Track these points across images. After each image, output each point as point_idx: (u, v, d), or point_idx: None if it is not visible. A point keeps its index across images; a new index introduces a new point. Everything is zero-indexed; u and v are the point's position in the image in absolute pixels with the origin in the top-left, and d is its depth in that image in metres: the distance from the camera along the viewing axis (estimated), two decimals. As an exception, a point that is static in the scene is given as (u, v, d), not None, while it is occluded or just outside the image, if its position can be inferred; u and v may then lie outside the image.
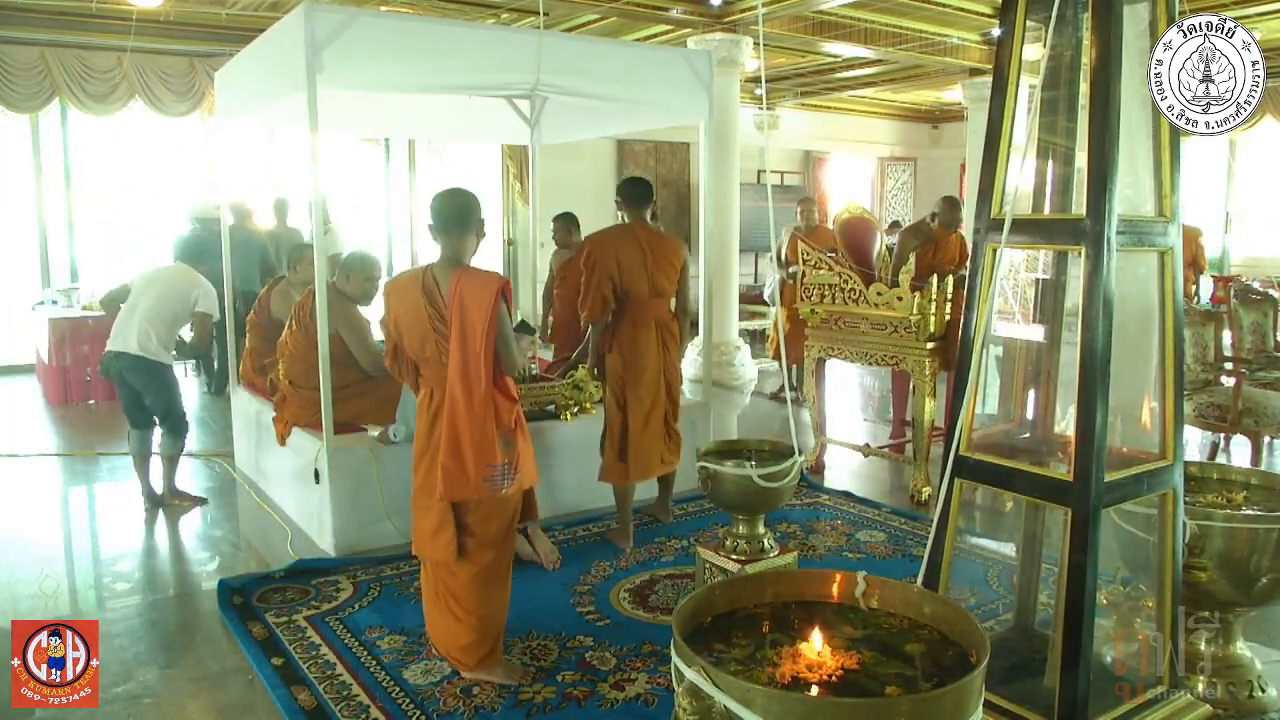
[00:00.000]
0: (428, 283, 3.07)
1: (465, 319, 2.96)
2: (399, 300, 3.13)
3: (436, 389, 3.10)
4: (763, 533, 3.58)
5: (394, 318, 3.15)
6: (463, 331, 2.96)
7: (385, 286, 3.24)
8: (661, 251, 4.42)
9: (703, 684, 1.62)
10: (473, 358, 2.96)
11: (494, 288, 2.97)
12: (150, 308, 4.86)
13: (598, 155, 12.40)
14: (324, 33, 3.98)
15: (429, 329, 3.06)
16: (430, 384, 3.14)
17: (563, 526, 4.71)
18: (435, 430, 3.06)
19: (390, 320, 3.16)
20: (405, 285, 3.14)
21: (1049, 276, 2.80)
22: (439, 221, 3.08)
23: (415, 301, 3.06)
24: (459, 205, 3.10)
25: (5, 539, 4.67)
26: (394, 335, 3.17)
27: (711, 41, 8.63)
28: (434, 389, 3.11)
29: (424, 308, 3.05)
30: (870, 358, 5.40)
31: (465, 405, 2.97)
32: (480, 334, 2.94)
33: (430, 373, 3.13)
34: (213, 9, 8.60)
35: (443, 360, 3.04)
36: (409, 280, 3.15)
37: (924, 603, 1.95)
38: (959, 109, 13.10)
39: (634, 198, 4.48)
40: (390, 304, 3.17)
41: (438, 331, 3.05)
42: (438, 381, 3.09)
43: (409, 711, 2.96)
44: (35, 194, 9.39)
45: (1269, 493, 3.09)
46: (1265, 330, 6.06)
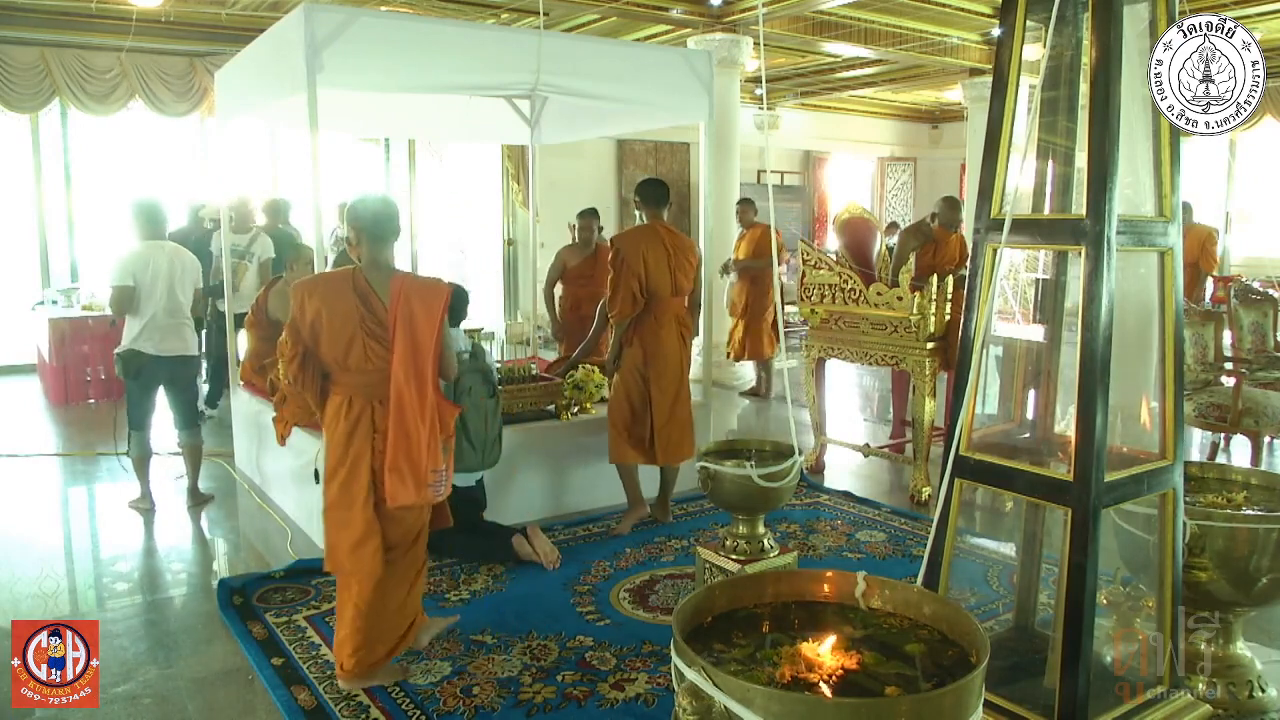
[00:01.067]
0: (360, 286, 2.98)
1: (415, 325, 2.95)
2: (321, 303, 2.96)
3: (357, 397, 2.99)
4: (763, 533, 3.58)
5: (311, 321, 2.97)
6: (413, 338, 2.95)
7: (298, 288, 3.03)
8: (682, 251, 4.60)
9: (703, 684, 1.62)
10: (423, 364, 2.96)
11: (444, 295, 3.05)
12: (179, 304, 4.88)
13: (598, 155, 12.41)
14: (324, 33, 3.98)
15: (359, 333, 2.95)
16: (349, 391, 3.00)
17: (563, 526, 4.71)
18: (355, 440, 2.98)
19: (305, 323, 2.98)
20: (330, 288, 3.01)
21: (1049, 276, 2.80)
22: (375, 228, 3.01)
23: (346, 305, 2.95)
24: (392, 212, 3.09)
25: (5, 539, 4.67)
26: (306, 339, 2.99)
27: (711, 41, 8.63)
28: (353, 397, 2.99)
29: (357, 312, 2.95)
30: (870, 358, 5.40)
31: (418, 410, 2.95)
32: (431, 340, 2.98)
33: (350, 379, 3.00)
34: (213, 9, 8.61)
35: (369, 367, 2.96)
36: (334, 283, 3.03)
37: (924, 603, 1.95)
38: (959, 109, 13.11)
39: (654, 198, 4.62)
40: (309, 305, 2.97)
41: (374, 337, 2.96)
42: (359, 389, 2.99)
43: (409, 711, 2.96)
44: (35, 194, 9.39)
45: (1269, 493, 3.09)
46: (1265, 330, 6.06)
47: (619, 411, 4.58)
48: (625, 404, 4.57)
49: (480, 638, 3.47)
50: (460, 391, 4.12)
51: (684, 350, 4.64)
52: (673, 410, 4.56)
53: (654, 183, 4.69)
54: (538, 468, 4.89)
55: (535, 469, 4.88)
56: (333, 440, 3.03)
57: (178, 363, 4.91)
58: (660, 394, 4.53)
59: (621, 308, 4.48)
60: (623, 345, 4.60)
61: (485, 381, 4.23)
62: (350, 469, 2.99)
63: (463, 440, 4.12)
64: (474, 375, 4.18)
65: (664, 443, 4.56)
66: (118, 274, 4.78)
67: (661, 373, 4.53)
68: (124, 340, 4.86)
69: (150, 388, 4.94)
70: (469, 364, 4.19)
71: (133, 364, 4.82)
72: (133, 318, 4.82)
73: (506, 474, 4.69)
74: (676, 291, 4.58)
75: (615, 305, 4.50)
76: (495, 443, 4.27)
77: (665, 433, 4.55)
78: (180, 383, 5.01)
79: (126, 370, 4.85)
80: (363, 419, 2.98)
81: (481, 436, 4.16)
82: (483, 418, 4.17)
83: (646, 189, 4.64)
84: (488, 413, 4.20)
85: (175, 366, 4.91)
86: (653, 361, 4.52)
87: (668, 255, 4.52)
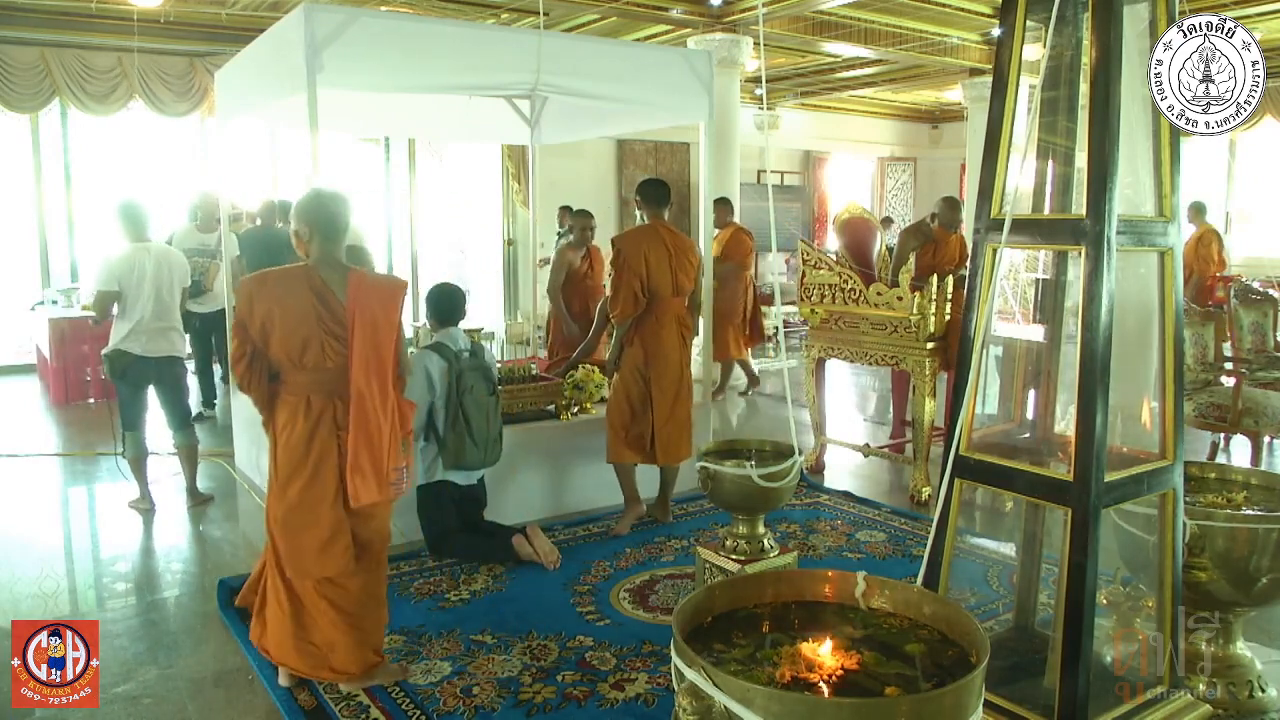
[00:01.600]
0: (316, 284, 2.91)
1: (375, 324, 2.92)
2: (275, 301, 2.87)
3: (315, 396, 2.92)
4: (763, 533, 3.58)
5: (263, 319, 2.87)
6: (375, 335, 2.92)
7: (245, 286, 2.94)
8: (682, 251, 4.61)
9: (703, 684, 1.62)
10: (383, 362, 2.95)
11: (401, 293, 3.05)
12: (167, 306, 4.88)
13: (598, 155, 12.41)
14: (324, 33, 3.98)
15: (316, 332, 2.87)
16: (306, 391, 2.92)
17: (563, 526, 4.71)
18: (318, 440, 2.91)
19: (254, 322, 2.88)
20: (284, 285, 2.92)
21: (1049, 276, 2.80)
22: (329, 226, 2.95)
23: (303, 303, 2.88)
24: (343, 208, 3.02)
25: (5, 539, 4.67)
26: (256, 338, 2.90)
27: (711, 41, 8.63)
28: (311, 396, 2.92)
29: (314, 310, 2.88)
30: (870, 358, 5.40)
31: (380, 408, 2.93)
32: (391, 338, 2.97)
33: (306, 379, 2.91)
34: (213, 9, 8.61)
35: (328, 365, 2.89)
36: (287, 280, 2.94)
37: (924, 603, 1.95)
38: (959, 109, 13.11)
39: (655, 198, 4.63)
40: (258, 304, 2.87)
41: (333, 335, 2.89)
42: (317, 388, 2.91)
43: (409, 711, 2.96)
44: (35, 194, 9.39)
45: (1269, 493, 3.09)
46: (1265, 330, 6.06)
47: (618, 411, 4.59)
48: (624, 404, 4.57)
49: (480, 638, 3.47)
50: (462, 390, 4.12)
51: (684, 350, 4.64)
52: (673, 410, 4.57)
53: (655, 183, 4.70)
54: (538, 468, 4.89)
55: (535, 469, 4.88)
56: (289, 442, 2.93)
57: (164, 363, 4.91)
58: (660, 394, 4.54)
59: (623, 308, 4.48)
60: (623, 345, 4.60)
61: (486, 380, 4.24)
62: (314, 469, 2.91)
63: (466, 438, 4.12)
64: (475, 374, 4.18)
65: (663, 443, 4.56)
66: (103, 278, 4.79)
67: (662, 373, 4.54)
68: (111, 341, 4.86)
69: (140, 388, 4.94)
70: (469, 362, 4.20)
71: (119, 364, 4.83)
72: (120, 320, 4.82)
73: (506, 474, 4.69)
74: (677, 291, 4.59)
75: (617, 305, 4.51)
76: (496, 441, 4.27)
77: (665, 433, 4.56)
78: (168, 382, 4.99)
79: (114, 370, 4.86)
80: (324, 417, 2.91)
81: (483, 434, 4.17)
82: (484, 415, 4.18)
83: (647, 189, 4.65)
84: (489, 410, 4.21)
85: (162, 367, 4.90)
86: (653, 361, 4.53)
87: (669, 255, 4.52)
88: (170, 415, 5.09)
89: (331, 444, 2.93)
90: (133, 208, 4.96)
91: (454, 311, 4.33)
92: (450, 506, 4.25)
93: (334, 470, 2.93)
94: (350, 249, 4.84)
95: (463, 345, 4.25)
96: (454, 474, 4.21)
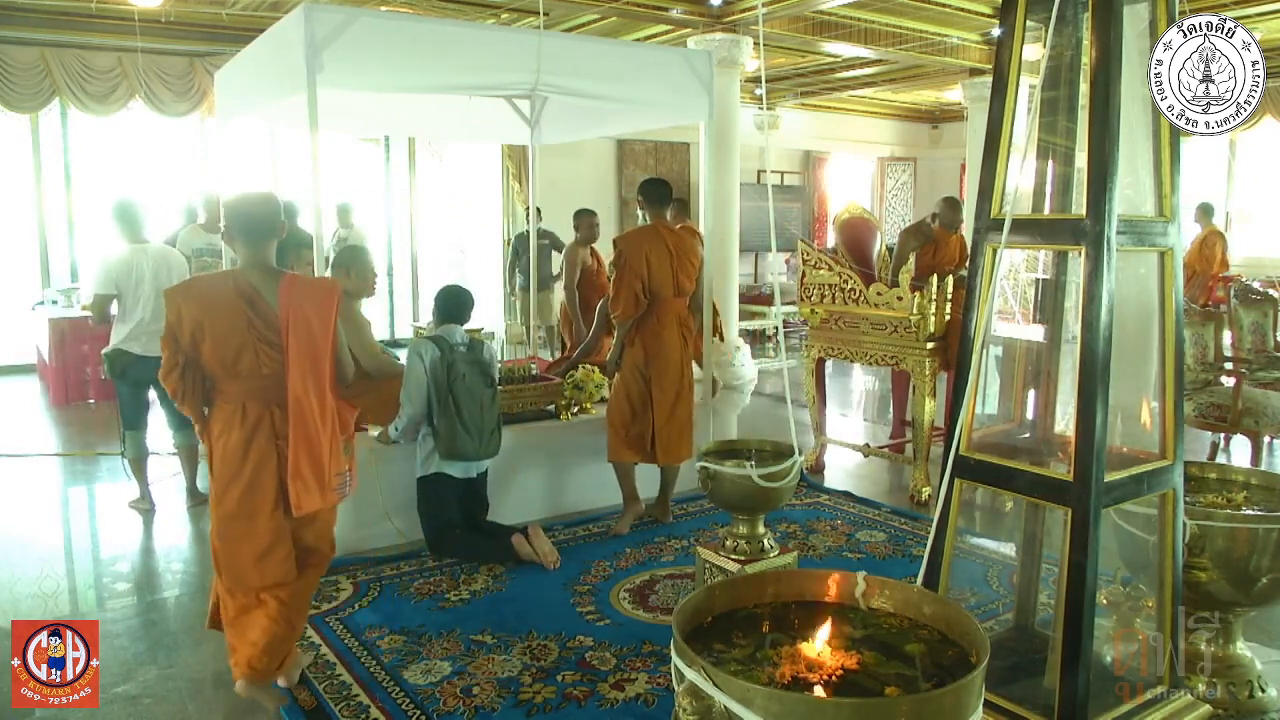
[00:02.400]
0: (245, 290, 2.83)
1: (310, 328, 2.85)
2: (205, 309, 2.80)
3: (251, 404, 2.84)
4: (763, 533, 3.58)
5: (193, 328, 2.79)
6: (310, 340, 2.85)
7: (171, 295, 2.85)
8: (684, 251, 4.61)
9: (703, 684, 1.62)
10: (320, 367, 2.89)
11: (335, 295, 2.98)
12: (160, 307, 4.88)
13: (598, 155, 12.40)
14: (324, 33, 3.98)
15: (249, 339, 2.81)
16: (242, 399, 2.84)
17: (563, 526, 4.71)
18: (255, 448, 2.84)
19: (184, 332, 2.79)
20: (212, 292, 2.85)
21: (1049, 276, 2.80)
22: (251, 227, 2.88)
23: (233, 310, 2.80)
24: (269, 211, 2.94)
25: (5, 539, 4.67)
26: (186, 347, 2.81)
27: (711, 41, 8.62)
28: (247, 404, 2.84)
29: (244, 316, 2.80)
30: (870, 358, 5.40)
31: (319, 414, 2.87)
32: (327, 342, 2.91)
33: (241, 386, 2.84)
34: (213, 9, 8.60)
35: (263, 372, 2.83)
36: (216, 287, 2.87)
37: (924, 603, 1.95)
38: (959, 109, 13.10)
39: (656, 199, 4.64)
40: (186, 313, 2.79)
41: (266, 341, 2.82)
42: (253, 395, 2.84)
43: (409, 711, 2.96)
44: (35, 194, 9.39)
45: (1269, 493, 3.09)
46: (1265, 330, 6.06)
47: (618, 411, 4.59)
48: (625, 403, 4.57)
49: (480, 638, 3.47)
50: (453, 377, 4.14)
51: (685, 351, 4.65)
52: (673, 410, 4.57)
53: (657, 183, 4.71)
54: (538, 468, 4.89)
55: (535, 469, 4.88)
56: (225, 451, 2.86)
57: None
58: (661, 394, 4.54)
59: (624, 308, 4.48)
60: (624, 345, 4.60)
61: (482, 372, 4.25)
62: (252, 477, 2.84)
63: (457, 424, 4.12)
64: (470, 365, 4.20)
65: (663, 443, 4.56)
66: (100, 280, 4.79)
67: (663, 373, 4.54)
68: (112, 341, 4.87)
69: (140, 387, 4.94)
70: (464, 355, 4.22)
71: (118, 363, 4.83)
72: (121, 321, 4.83)
73: (506, 474, 4.69)
74: (679, 292, 4.59)
75: (618, 305, 4.51)
76: (494, 432, 4.27)
77: (665, 433, 4.56)
78: None
79: (113, 370, 4.86)
80: (261, 425, 2.85)
81: (476, 421, 4.16)
82: (477, 403, 4.18)
83: (649, 189, 4.66)
84: (482, 399, 4.21)
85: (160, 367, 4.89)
86: (654, 361, 4.53)
87: (670, 256, 4.52)
88: (170, 415, 5.09)
89: (270, 452, 2.85)
90: (128, 208, 4.96)
91: (459, 311, 4.36)
92: (450, 501, 4.25)
93: (273, 478, 2.86)
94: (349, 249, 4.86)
95: (459, 340, 4.26)
96: (450, 465, 4.21)
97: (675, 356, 4.58)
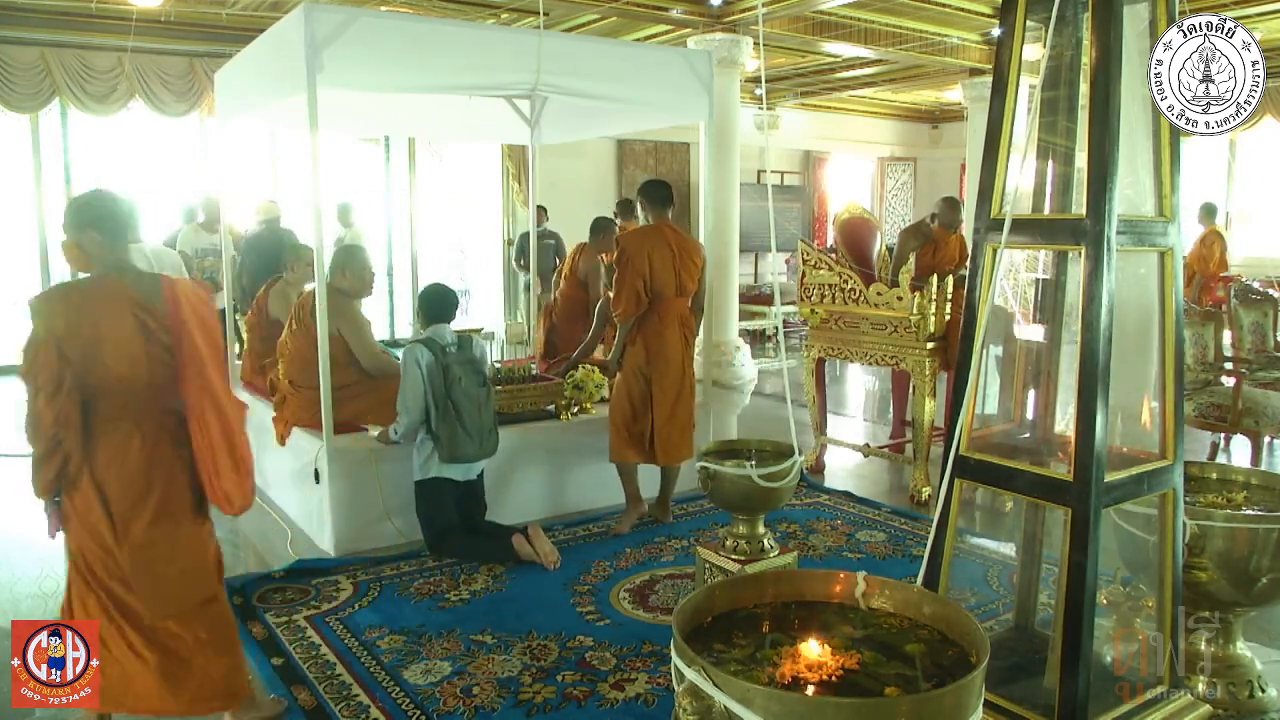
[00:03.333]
0: (130, 295, 2.58)
1: (206, 330, 2.68)
2: (87, 319, 2.54)
3: (146, 419, 2.60)
4: (763, 533, 3.57)
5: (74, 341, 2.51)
6: (210, 343, 2.68)
7: (48, 304, 2.60)
8: (687, 252, 4.60)
9: (703, 684, 1.62)
10: (218, 365, 2.70)
11: (208, 293, 2.83)
12: None
13: (598, 155, 12.40)
14: (324, 33, 3.98)
15: (142, 350, 2.56)
16: (132, 416, 2.59)
17: (563, 526, 4.71)
18: (159, 464, 2.63)
19: (76, 345, 2.51)
20: (96, 301, 2.58)
21: (1049, 276, 2.80)
22: (116, 227, 2.65)
23: (122, 319, 2.55)
24: (131, 209, 2.75)
25: (5, 539, 4.67)
26: (77, 363, 2.51)
27: (711, 41, 8.63)
28: (142, 421, 2.60)
29: (137, 325, 2.56)
30: (870, 358, 5.40)
31: (236, 418, 2.71)
32: (218, 338, 2.76)
33: (125, 403, 2.58)
34: (213, 9, 8.61)
35: (157, 380, 2.59)
36: (99, 295, 2.59)
37: (924, 603, 1.95)
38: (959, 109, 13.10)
39: (658, 200, 4.63)
40: (62, 325, 2.52)
41: (161, 345, 2.59)
42: (145, 412, 2.60)
43: (409, 711, 2.96)
44: (35, 194, 9.38)
45: (1269, 493, 3.09)
46: (1265, 330, 6.06)
47: (619, 411, 4.59)
48: (626, 403, 4.57)
49: (480, 638, 3.47)
50: (450, 381, 4.13)
51: (686, 351, 4.64)
52: (674, 410, 4.57)
53: (658, 183, 4.70)
54: (538, 468, 4.89)
55: (535, 469, 4.88)
56: (124, 475, 2.61)
57: None
58: (662, 394, 4.54)
59: (626, 307, 4.48)
60: (626, 344, 4.60)
61: (475, 372, 4.24)
62: (161, 498, 2.65)
63: (458, 428, 4.12)
64: (463, 366, 4.19)
65: (664, 443, 4.56)
66: None
67: (663, 373, 4.54)
68: None
69: None
70: (456, 355, 4.21)
71: None
72: None
73: (506, 474, 4.69)
74: (681, 292, 4.59)
75: (620, 305, 4.50)
76: (491, 432, 4.27)
77: (665, 433, 4.56)
78: None
79: None
80: (162, 438, 2.63)
81: (475, 424, 4.16)
82: (475, 406, 4.18)
83: (651, 189, 4.66)
84: (479, 401, 4.21)
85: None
86: (655, 361, 4.53)
87: (673, 256, 4.52)
88: None
89: (175, 463, 2.66)
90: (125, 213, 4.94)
91: (445, 310, 4.34)
92: (449, 503, 4.25)
93: (186, 489, 2.70)
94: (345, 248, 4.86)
95: (449, 340, 4.26)
96: (450, 468, 4.21)
97: (676, 356, 4.58)
